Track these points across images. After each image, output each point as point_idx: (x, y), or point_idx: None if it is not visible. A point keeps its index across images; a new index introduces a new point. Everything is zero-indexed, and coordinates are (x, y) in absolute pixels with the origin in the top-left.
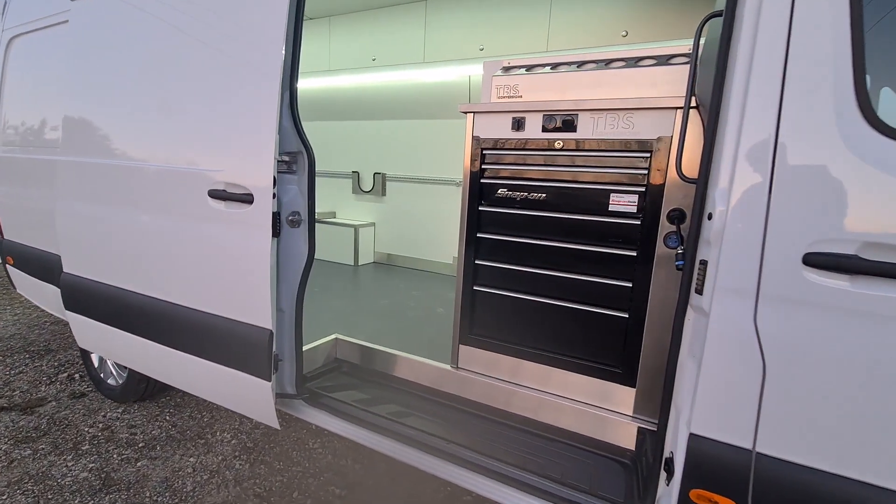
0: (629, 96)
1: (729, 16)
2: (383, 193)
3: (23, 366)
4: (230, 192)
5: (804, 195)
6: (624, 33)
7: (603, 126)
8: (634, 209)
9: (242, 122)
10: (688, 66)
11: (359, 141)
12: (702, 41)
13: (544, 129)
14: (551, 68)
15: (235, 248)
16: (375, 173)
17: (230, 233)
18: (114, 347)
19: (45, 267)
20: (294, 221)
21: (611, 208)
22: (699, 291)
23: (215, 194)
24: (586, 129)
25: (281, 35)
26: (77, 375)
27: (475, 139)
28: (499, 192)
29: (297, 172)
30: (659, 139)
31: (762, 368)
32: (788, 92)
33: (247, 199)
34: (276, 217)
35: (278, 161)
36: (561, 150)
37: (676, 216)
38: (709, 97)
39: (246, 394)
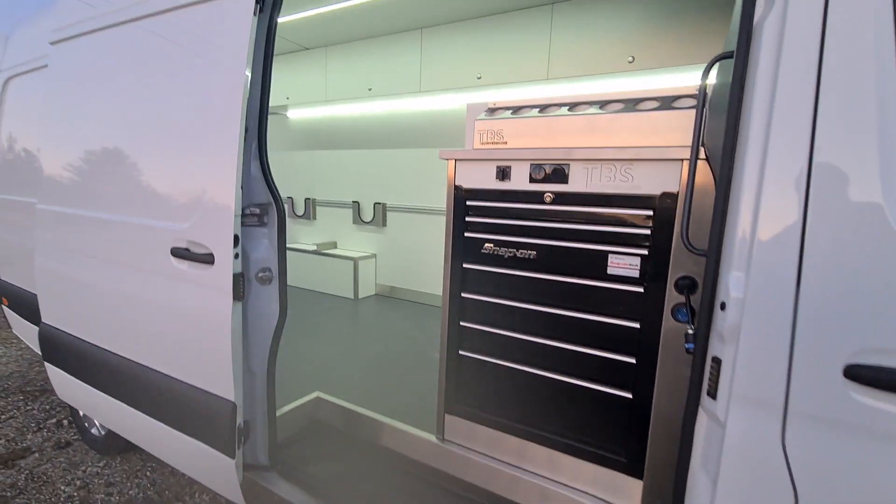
0: (628, 144)
1: (742, 57)
2: (384, 224)
3: (14, 409)
4: (191, 252)
5: (846, 287)
6: (630, 59)
7: (598, 177)
8: (637, 273)
9: (202, 176)
10: (694, 110)
11: (359, 170)
12: (710, 83)
13: (532, 180)
14: (540, 111)
15: (197, 311)
16: (376, 203)
17: (192, 295)
18: (87, 403)
19: (34, 311)
20: (264, 278)
21: (610, 271)
22: (712, 395)
23: (178, 253)
24: (579, 180)
25: (240, 82)
26: (65, 421)
27: (457, 188)
28: (484, 247)
29: (268, 225)
30: (663, 195)
31: (794, 499)
32: (821, 151)
33: (207, 259)
34: (241, 278)
35: (248, 214)
36: (551, 203)
37: (686, 285)
38: (720, 149)
39: (211, 467)
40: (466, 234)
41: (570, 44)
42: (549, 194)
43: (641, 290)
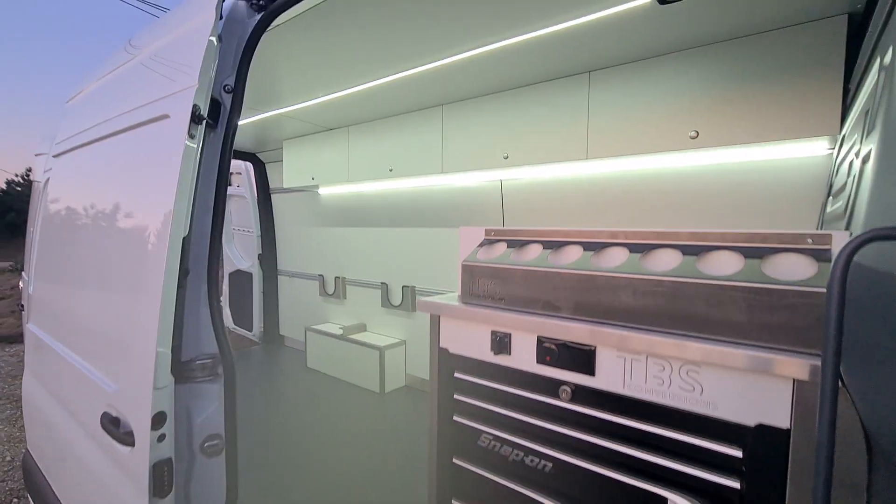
0: (695, 331)
1: None
2: (413, 309)
3: None
4: (116, 427)
5: None
6: (693, 134)
7: (642, 377)
8: None
9: (128, 329)
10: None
11: (387, 249)
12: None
13: (541, 360)
14: (551, 250)
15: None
16: (404, 286)
17: (114, 480)
18: None
19: None
20: (212, 449)
21: None
22: None
23: (106, 422)
24: (612, 374)
25: (167, 213)
26: None
27: (442, 353)
28: (480, 440)
29: (219, 382)
30: (760, 428)
31: None
32: None
33: (127, 440)
34: (165, 468)
35: (196, 367)
36: (570, 400)
37: None
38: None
39: None
40: (456, 418)
41: (611, 116)
42: (567, 388)
43: None
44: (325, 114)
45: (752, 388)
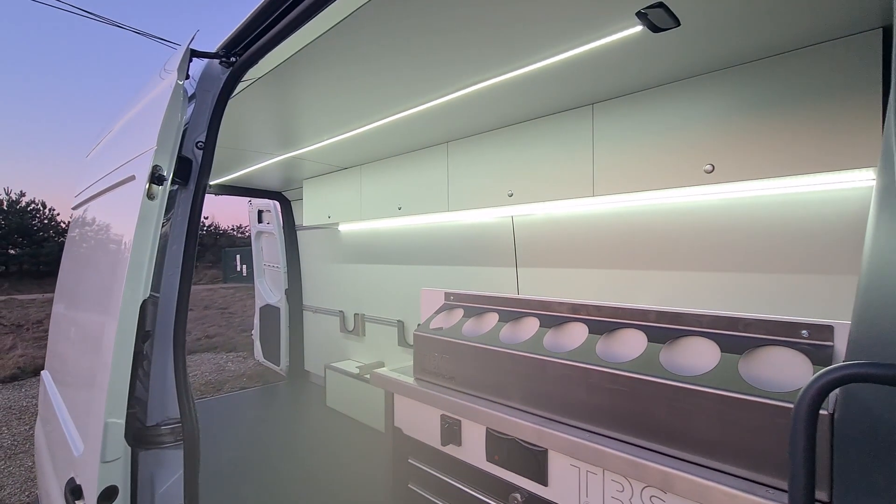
0: (672, 437)
1: None
2: None
3: None
4: (72, 500)
5: None
6: (709, 168)
7: (599, 495)
8: None
9: (89, 392)
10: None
11: (402, 287)
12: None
13: (491, 458)
14: (503, 321)
15: None
16: (419, 325)
17: None
18: None
19: None
20: None
21: None
22: None
23: (68, 490)
24: (567, 487)
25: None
26: None
27: (396, 433)
28: None
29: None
30: None
31: None
32: None
33: None
34: None
35: (162, 433)
36: None
37: None
38: None
39: None
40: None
41: (617, 150)
42: (517, 497)
43: None
44: (336, 154)
45: None
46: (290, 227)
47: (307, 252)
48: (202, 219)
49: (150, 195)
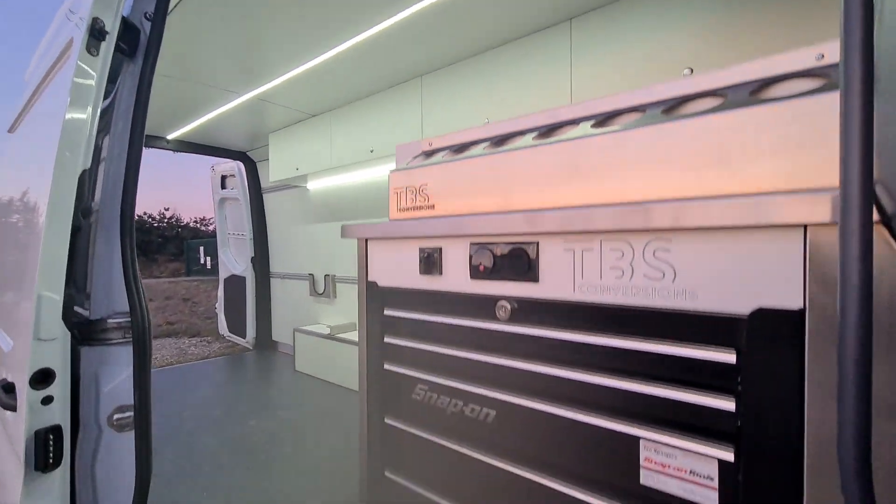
0: (655, 195)
1: None
2: None
3: None
4: (4, 396)
5: None
6: (687, 71)
7: (596, 271)
8: (714, 500)
9: (19, 275)
10: (835, 95)
11: None
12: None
13: (476, 274)
14: (492, 145)
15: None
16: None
17: (4, 452)
18: None
19: None
20: (121, 423)
21: (645, 481)
22: None
23: (1, 389)
24: (559, 274)
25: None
26: None
27: (371, 288)
28: (415, 392)
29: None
30: (760, 316)
31: None
32: None
33: (10, 405)
34: (50, 437)
35: (109, 328)
36: (510, 320)
37: None
38: None
39: None
40: (387, 366)
41: (595, 63)
42: (505, 304)
43: None
44: (304, 96)
45: (743, 256)
46: (255, 191)
47: (274, 216)
48: (163, 210)
49: (88, 49)
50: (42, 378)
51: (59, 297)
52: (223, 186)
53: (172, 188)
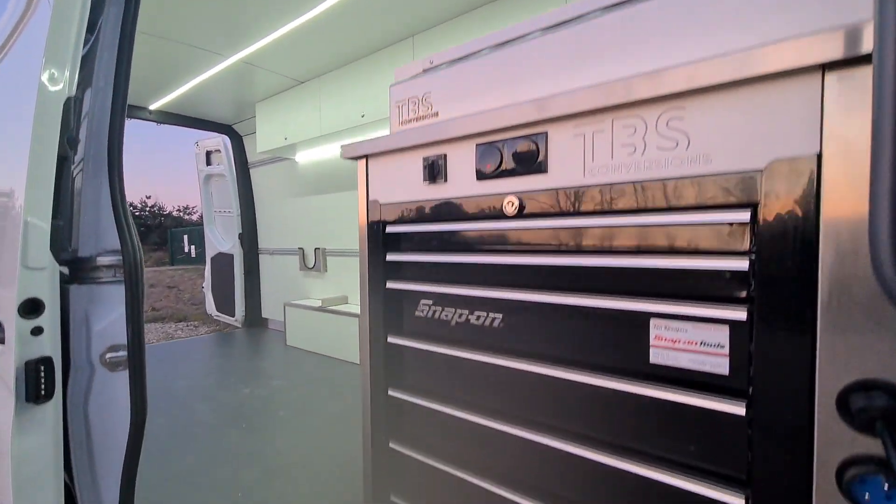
0: (669, 62)
1: None
2: None
3: None
4: None
5: None
6: None
7: (608, 152)
8: (723, 369)
9: (3, 205)
10: None
11: None
12: None
13: (482, 175)
14: (494, 50)
15: None
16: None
17: None
18: None
19: None
20: (114, 362)
21: (656, 360)
22: None
23: None
24: (570, 164)
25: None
26: None
27: (371, 206)
28: (420, 307)
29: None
30: (777, 167)
31: None
32: None
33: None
34: (42, 369)
35: (98, 266)
36: (516, 216)
37: (881, 409)
38: None
39: None
40: (389, 285)
41: None
42: (513, 199)
43: (742, 409)
44: (291, 60)
45: (758, 111)
46: (242, 166)
47: (262, 191)
48: (144, 198)
49: None
50: (32, 308)
51: (46, 225)
52: (208, 163)
53: (154, 177)
